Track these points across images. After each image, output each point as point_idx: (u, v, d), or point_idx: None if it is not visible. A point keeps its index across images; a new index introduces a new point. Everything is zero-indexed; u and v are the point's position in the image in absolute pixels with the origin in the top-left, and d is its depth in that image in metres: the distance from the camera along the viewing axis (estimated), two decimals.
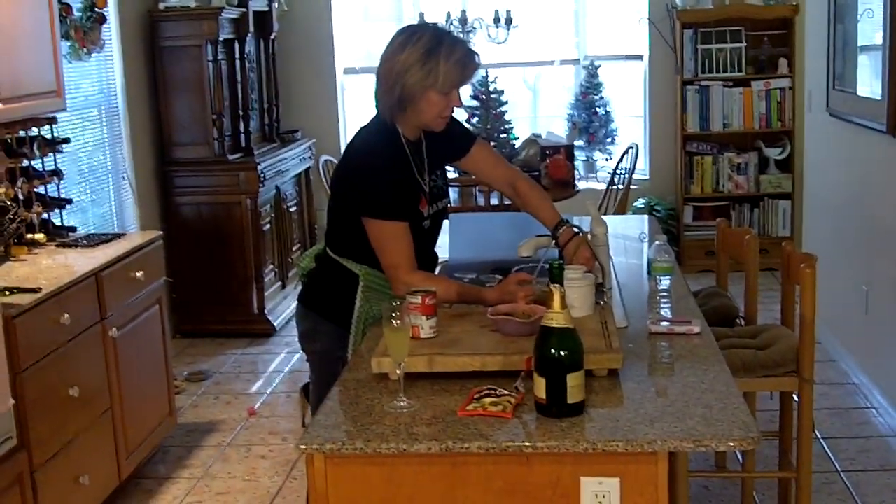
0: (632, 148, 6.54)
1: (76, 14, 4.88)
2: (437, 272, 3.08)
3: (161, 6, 5.86)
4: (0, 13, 3.69)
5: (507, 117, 7.10)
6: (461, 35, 6.86)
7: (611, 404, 2.20)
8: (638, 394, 2.25)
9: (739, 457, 4.03)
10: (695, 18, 7.01)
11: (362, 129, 2.89)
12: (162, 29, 5.88)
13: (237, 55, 6.26)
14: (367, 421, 2.16)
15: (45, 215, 4.23)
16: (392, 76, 2.71)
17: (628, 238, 3.93)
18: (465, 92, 7.54)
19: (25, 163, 4.10)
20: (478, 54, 2.79)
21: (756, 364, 3.26)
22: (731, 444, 2.02)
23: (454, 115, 2.87)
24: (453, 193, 6.02)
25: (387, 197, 2.74)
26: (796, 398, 3.36)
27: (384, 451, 2.05)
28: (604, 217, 3.11)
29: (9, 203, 3.89)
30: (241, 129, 6.27)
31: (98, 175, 5.37)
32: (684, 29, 7.06)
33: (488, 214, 4.98)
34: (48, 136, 4.27)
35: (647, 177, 7.53)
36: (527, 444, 2.03)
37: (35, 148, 4.13)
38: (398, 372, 2.25)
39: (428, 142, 2.90)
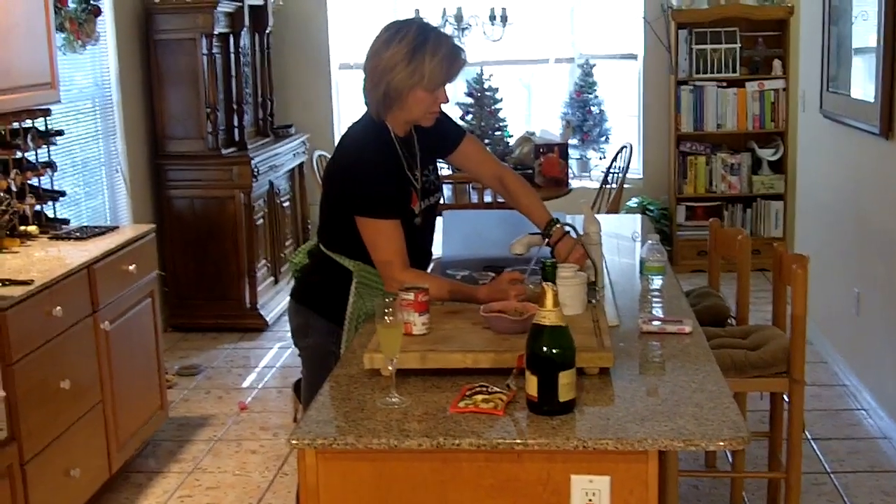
0: (625, 147, 6.55)
1: (71, 6, 4.87)
2: (429, 269, 3.08)
3: None
4: None
5: (501, 115, 7.11)
6: (456, 32, 6.87)
7: (602, 403, 2.20)
8: (629, 393, 2.26)
9: (729, 457, 4.04)
10: (690, 18, 7.02)
11: (352, 126, 2.88)
12: (157, 22, 5.87)
13: (232, 49, 6.24)
14: (359, 416, 2.17)
15: (37, 207, 4.22)
16: (377, 74, 2.71)
17: (621, 237, 3.93)
18: (460, 89, 7.51)
19: (19, 154, 4.09)
20: (463, 50, 2.77)
21: (747, 364, 3.27)
22: (721, 443, 2.03)
23: (443, 110, 2.87)
24: (447, 191, 6.02)
25: (378, 195, 2.73)
26: (787, 399, 3.37)
27: (375, 447, 2.05)
28: (597, 216, 3.11)
29: (2, 195, 3.89)
30: (235, 123, 6.26)
31: (91, 168, 5.37)
32: (679, 29, 7.07)
33: (481, 212, 4.98)
34: (42, 128, 4.26)
35: (641, 176, 7.54)
36: (518, 441, 2.03)
37: (28, 140, 4.12)
38: (390, 368, 2.25)
39: (418, 137, 2.90)
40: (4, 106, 3.78)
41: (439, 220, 3.23)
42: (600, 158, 7.63)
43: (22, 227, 4.03)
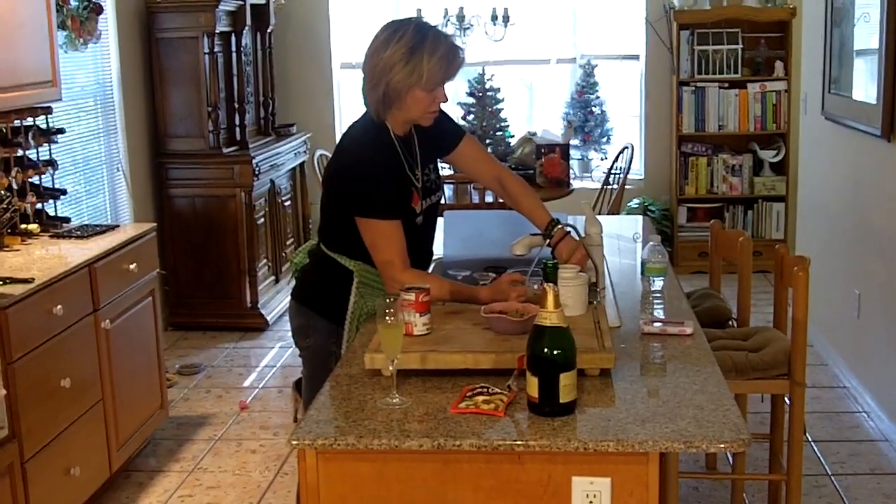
0: (627, 148, 6.55)
1: (73, 4, 4.87)
2: (431, 269, 3.08)
3: None
4: None
5: (502, 115, 7.11)
6: (458, 32, 6.87)
7: (602, 404, 2.20)
8: (630, 394, 2.26)
9: (730, 458, 4.03)
10: (692, 19, 7.02)
11: (352, 125, 2.88)
12: (159, 20, 5.87)
13: (234, 48, 6.24)
14: (359, 417, 2.17)
15: (38, 206, 4.22)
16: (376, 74, 2.70)
17: (622, 238, 3.93)
18: (461, 89, 7.50)
19: (20, 153, 4.09)
20: (462, 49, 2.76)
21: (748, 366, 3.27)
22: (722, 445, 2.02)
23: (443, 109, 2.86)
24: (448, 191, 6.01)
25: (378, 196, 2.73)
26: (787, 401, 3.36)
27: (376, 448, 2.05)
28: (598, 217, 3.11)
29: (2, 193, 3.89)
30: (237, 122, 6.25)
31: (92, 166, 5.36)
32: (681, 30, 7.07)
33: (483, 212, 4.98)
34: (43, 127, 4.26)
35: (642, 177, 7.53)
36: (518, 442, 2.03)
37: (30, 138, 4.12)
38: (391, 368, 2.25)
39: (418, 136, 2.89)
40: (6, 104, 3.78)
41: (440, 220, 3.22)
42: (602, 159, 7.63)
43: (23, 226, 4.03)
